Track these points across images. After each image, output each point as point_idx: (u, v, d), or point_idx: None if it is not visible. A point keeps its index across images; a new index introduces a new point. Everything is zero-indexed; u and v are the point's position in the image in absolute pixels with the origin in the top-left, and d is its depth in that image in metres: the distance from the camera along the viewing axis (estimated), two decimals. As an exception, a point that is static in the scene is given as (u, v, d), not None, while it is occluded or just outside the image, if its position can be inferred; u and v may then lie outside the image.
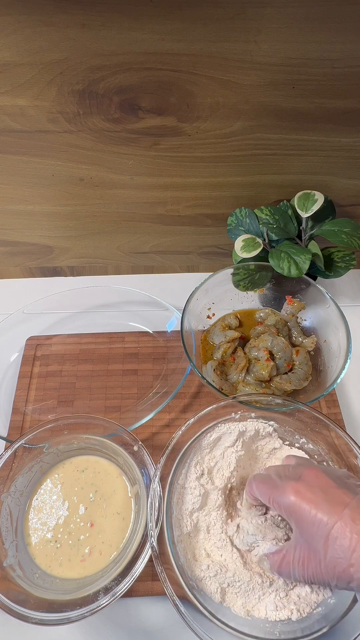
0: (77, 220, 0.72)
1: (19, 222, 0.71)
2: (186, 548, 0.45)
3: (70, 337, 0.70)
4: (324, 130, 0.59)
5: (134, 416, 0.60)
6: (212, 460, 0.50)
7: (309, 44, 0.50)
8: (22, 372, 0.66)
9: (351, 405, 0.65)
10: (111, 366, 0.67)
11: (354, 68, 0.52)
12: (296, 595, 0.43)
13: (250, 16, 0.47)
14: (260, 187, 0.67)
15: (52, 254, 0.77)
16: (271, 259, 0.62)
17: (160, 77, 0.53)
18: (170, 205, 0.70)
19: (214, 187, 0.67)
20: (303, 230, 0.65)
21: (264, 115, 0.57)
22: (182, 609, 0.39)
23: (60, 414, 0.61)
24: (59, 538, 0.48)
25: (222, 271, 0.65)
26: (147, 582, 0.48)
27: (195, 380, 0.65)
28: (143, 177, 0.65)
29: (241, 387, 0.60)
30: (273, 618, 0.41)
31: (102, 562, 0.47)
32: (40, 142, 0.59)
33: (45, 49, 0.50)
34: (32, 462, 0.51)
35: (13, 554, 0.46)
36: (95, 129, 0.58)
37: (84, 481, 0.52)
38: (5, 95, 0.54)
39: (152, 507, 0.44)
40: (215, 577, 0.43)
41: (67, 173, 0.64)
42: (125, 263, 0.81)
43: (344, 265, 0.65)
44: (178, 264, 0.82)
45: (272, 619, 0.41)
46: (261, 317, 0.68)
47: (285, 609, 0.42)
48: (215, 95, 0.55)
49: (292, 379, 0.61)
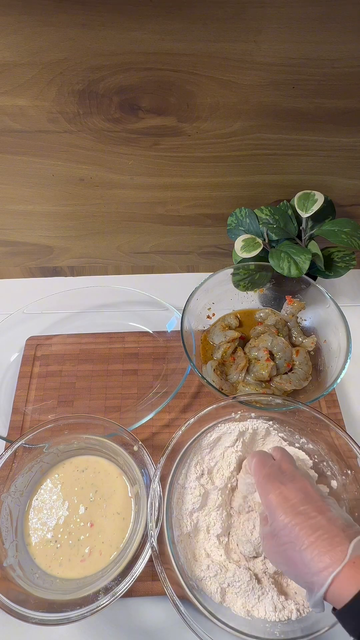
0: (77, 220, 0.72)
1: (19, 222, 0.71)
2: (186, 548, 0.45)
3: (70, 337, 0.70)
4: (324, 130, 0.59)
5: (134, 416, 0.60)
6: (212, 460, 0.50)
7: (309, 44, 0.50)
8: (22, 372, 0.66)
9: (351, 405, 0.65)
10: (111, 366, 0.67)
11: (354, 68, 0.52)
12: (296, 595, 0.43)
13: (250, 16, 0.47)
14: (260, 187, 0.67)
15: (52, 254, 0.77)
16: (271, 259, 0.62)
17: (160, 77, 0.53)
18: (170, 205, 0.70)
19: (214, 187, 0.67)
20: (303, 230, 0.65)
21: (264, 115, 0.57)
22: (182, 609, 0.39)
23: (60, 414, 0.61)
24: (59, 538, 0.48)
25: (222, 271, 0.65)
26: (147, 582, 0.48)
27: (195, 380, 0.65)
28: (143, 177, 0.65)
29: (241, 387, 0.60)
30: (273, 618, 0.41)
31: (102, 562, 0.47)
32: (40, 142, 0.59)
33: (45, 49, 0.50)
34: (32, 462, 0.51)
35: (13, 554, 0.46)
36: (95, 129, 0.58)
37: (84, 481, 0.52)
38: (5, 95, 0.54)
39: (152, 507, 0.44)
40: (215, 577, 0.43)
41: (67, 173, 0.64)
42: (125, 263, 0.81)
43: (344, 265, 0.65)
44: (178, 264, 0.81)
45: (272, 619, 0.41)
46: (261, 317, 0.68)
47: (285, 609, 0.42)
48: (215, 95, 0.55)
49: (292, 379, 0.60)
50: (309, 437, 0.52)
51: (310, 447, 0.52)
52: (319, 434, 0.51)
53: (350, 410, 0.64)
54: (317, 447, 0.52)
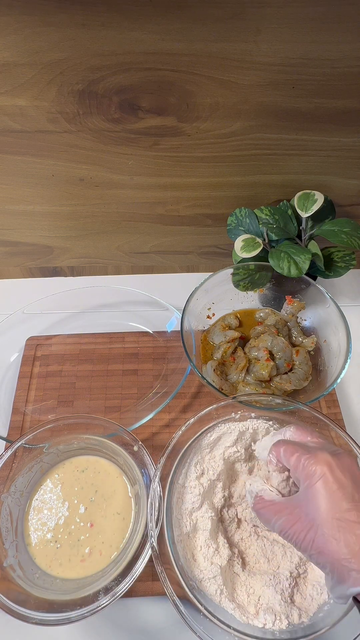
0: (77, 220, 0.72)
1: (19, 222, 0.71)
2: (186, 548, 0.45)
3: (70, 337, 0.70)
4: (324, 130, 0.59)
5: (134, 416, 0.60)
6: (212, 460, 0.50)
7: (309, 44, 0.50)
8: (22, 372, 0.66)
9: (351, 405, 0.65)
10: (111, 366, 0.67)
11: (354, 68, 0.52)
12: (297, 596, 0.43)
13: (250, 16, 0.47)
14: (260, 187, 0.67)
15: (52, 254, 0.77)
16: (271, 259, 0.62)
17: (160, 77, 0.53)
18: (170, 205, 0.70)
19: (214, 187, 0.67)
20: (303, 230, 0.65)
21: (263, 115, 0.57)
22: (182, 609, 0.39)
23: (60, 414, 0.61)
24: (59, 538, 0.48)
25: (222, 271, 0.65)
26: (147, 582, 0.48)
27: (195, 380, 0.65)
28: (143, 177, 0.65)
29: (241, 387, 0.60)
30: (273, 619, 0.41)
31: (102, 562, 0.47)
32: (40, 142, 0.59)
33: (45, 49, 0.50)
34: (32, 462, 0.51)
35: (13, 554, 0.46)
36: (95, 129, 0.58)
37: (84, 481, 0.52)
38: (5, 95, 0.54)
39: (152, 507, 0.44)
40: (215, 578, 0.43)
41: (67, 173, 0.64)
42: (125, 263, 0.81)
43: (344, 265, 0.65)
44: (178, 264, 0.82)
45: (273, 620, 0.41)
46: (261, 317, 0.68)
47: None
48: (215, 95, 0.55)
49: (292, 379, 0.60)
50: (309, 437, 0.52)
51: (310, 447, 0.52)
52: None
53: (350, 410, 0.64)
54: (317, 447, 0.52)
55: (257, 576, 0.44)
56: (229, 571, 0.44)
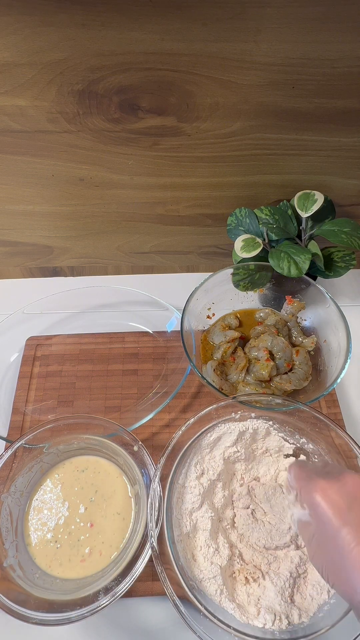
0: (77, 220, 0.72)
1: (19, 222, 0.71)
2: (186, 548, 0.45)
3: (70, 337, 0.70)
4: (324, 130, 0.59)
5: (134, 416, 0.60)
6: (212, 460, 0.50)
7: (309, 44, 0.50)
8: (22, 372, 0.66)
9: (351, 405, 0.65)
10: (111, 366, 0.67)
11: (354, 68, 0.52)
12: (297, 596, 0.43)
13: (250, 16, 0.47)
14: (260, 187, 0.67)
15: (52, 254, 0.77)
16: (271, 259, 0.62)
17: (160, 77, 0.53)
18: (170, 205, 0.70)
19: (214, 187, 0.67)
20: (303, 230, 0.65)
21: (263, 115, 0.57)
22: (182, 609, 0.39)
23: (60, 414, 0.61)
24: (59, 538, 0.48)
25: (222, 271, 0.65)
26: (147, 582, 0.48)
27: (195, 380, 0.65)
28: (143, 177, 0.65)
29: (241, 387, 0.60)
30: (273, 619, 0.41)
31: (102, 562, 0.47)
32: (40, 142, 0.59)
33: (45, 49, 0.50)
34: (32, 462, 0.51)
35: (13, 554, 0.46)
36: (95, 129, 0.58)
37: (84, 481, 0.52)
38: (5, 95, 0.54)
39: (152, 507, 0.44)
40: (215, 578, 0.43)
41: (67, 173, 0.64)
42: (125, 263, 0.81)
43: (344, 265, 0.65)
44: (178, 264, 0.81)
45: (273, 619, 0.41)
46: (261, 317, 0.68)
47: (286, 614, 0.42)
48: (214, 95, 0.55)
49: (292, 379, 0.60)
50: (309, 437, 0.52)
51: (310, 447, 0.52)
52: (319, 434, 0.51)
53: (350, 410, 0.64)
54: (317, 447, 0.52)
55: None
56: (229, 571, 0.44)
